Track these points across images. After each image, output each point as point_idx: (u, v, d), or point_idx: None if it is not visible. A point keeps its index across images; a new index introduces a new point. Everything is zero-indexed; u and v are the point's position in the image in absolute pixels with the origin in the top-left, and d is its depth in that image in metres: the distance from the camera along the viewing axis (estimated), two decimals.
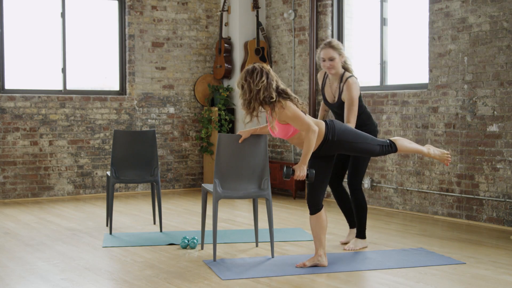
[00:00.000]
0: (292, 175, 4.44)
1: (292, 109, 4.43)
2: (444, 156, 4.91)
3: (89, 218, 6.74)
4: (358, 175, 5.25)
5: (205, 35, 9.32)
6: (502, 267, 4.70)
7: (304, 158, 4.44)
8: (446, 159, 4.90)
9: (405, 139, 4.85)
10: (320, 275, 4.48)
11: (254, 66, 4.52)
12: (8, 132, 8.02)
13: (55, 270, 4.59)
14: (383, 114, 7.42)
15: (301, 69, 8.59)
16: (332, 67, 5.14)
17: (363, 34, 8.10)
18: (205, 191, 5.17)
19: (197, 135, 9.21)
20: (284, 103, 4.43)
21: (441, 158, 4.91)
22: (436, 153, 4.90)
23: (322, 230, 4.64)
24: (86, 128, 8.47)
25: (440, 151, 4.92)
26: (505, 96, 6.20)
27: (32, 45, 8.38)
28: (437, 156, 4.90)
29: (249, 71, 4.50)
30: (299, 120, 4.43)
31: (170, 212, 7.11)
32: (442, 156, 4.91)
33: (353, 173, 5.25)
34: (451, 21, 6.65)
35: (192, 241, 5.27)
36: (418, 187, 7.03)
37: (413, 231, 6.07)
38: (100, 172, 8.55)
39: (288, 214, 7.03)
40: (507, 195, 6.19)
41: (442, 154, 4.92)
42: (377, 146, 4.69)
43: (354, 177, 5.25)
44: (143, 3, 8.81)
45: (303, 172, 4.43)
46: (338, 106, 5.23)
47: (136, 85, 8.79)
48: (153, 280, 4.32)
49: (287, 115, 4.43)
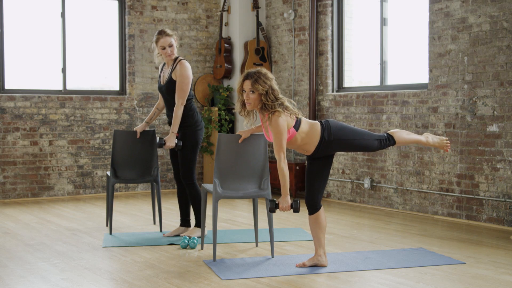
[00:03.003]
0: (277, 208, 4.44)
1: (281, 125, 4.39)
2: (443, 143, 4.83)
3: (89, 218, 6.74)
4: (188, 170, 5.54)
5: (205, 35, 9.32)
6: (502, 267, 4.70)
7: (284, 190, 4.42)
8: (445, 145, 4.82)
9: (403, 131, 4.78)
10: (320, 275, 4.48)
11: (258, 71, 4.52)
12: (8, 132, 8.02)
13: (55, 270, 4.59)
14: (383, 114, 7.42)
15: (301, 69, 8.59)
16: (172, 52, 5.49)
17: (363, 34, 8.10)
18: (205, 191, 5.17)
19: None
20: (279, 114, 4.41)
21: (440, 145, 4.83)
22: (436, 141, 4.83)
23: (321, 230, 4.64)
24: (86, 128, 8.47)
25: (439, 138, 4.85)
26: (505, 96, 6.20)
27: (32, 45, 8.38)
28: (436, 143, 4.83)
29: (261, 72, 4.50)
30: (278, 139, 4.39)
31: (170, 212, 7.11)
32: (441, 143, 4.84)
33: (182, 169, 5.56)
34: (451, 21, 6.65)
35: (192, 241, 5.27)
36: (418, 187, 7.03)
37: (413, 231, 6.07)
38: (100, 172, 8.56)
39: (288, 214, 7.03)
40: (507, 195, 6.19)
41: (441, 141, 4.84)
42: (375, 141, 4.65)
43: (185, 172, 5.53)
44: (143, 3, 8.82)
45: (287, 203, 4.43)
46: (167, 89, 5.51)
47: (136, 85, 8.79)
48: (153, 280, 4.32)
49: (273, 126, 4.41)
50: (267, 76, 4.48)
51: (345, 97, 7.92)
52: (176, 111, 5.41)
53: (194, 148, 5.56)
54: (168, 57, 5.50)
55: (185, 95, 5.42)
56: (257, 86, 4.44)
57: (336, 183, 8.07)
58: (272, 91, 4.45)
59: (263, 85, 4.44)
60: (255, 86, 4.44)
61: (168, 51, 5.48)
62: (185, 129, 5.53)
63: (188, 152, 5.55)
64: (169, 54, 5.49)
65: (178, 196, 5.79)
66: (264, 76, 4.47)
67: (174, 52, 5.51)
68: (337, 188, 8.06)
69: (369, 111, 7.58)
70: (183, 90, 5.40)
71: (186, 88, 5.42)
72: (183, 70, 5.43)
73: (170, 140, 5.42)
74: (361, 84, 8.20)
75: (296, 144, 4.53)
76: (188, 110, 5.53)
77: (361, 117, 7.68)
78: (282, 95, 4.51)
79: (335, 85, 8.19)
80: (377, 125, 7.47)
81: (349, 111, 7.84)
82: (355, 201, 7.82)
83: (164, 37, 5.47)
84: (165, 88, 5.53)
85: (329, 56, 8.16)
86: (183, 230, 5.71)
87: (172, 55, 5.51)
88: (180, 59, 5.51)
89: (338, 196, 8.05)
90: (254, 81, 4.45)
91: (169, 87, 5.49)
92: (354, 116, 7.78)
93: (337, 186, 8.06)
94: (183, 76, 5.41)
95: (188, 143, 5.54)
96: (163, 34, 5.48)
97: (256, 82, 4.45)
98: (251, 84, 4.45)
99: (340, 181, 8.00)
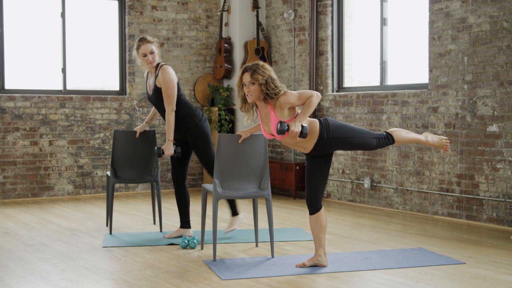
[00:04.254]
0: (286, 131, 4.43)
1: (290, 98, 4.46)
2: (443, 142, 4.82)
3: (89, 218, 6.74)
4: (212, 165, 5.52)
5: (205, 35, 9.32)
6: (502, 267, 4.70)
7: (302, 117, 4.45)
8: (445, 145, 4.81)
9: (402, 130, 4.77)
10: (320, 275, 4.48)
11: (255, 63, 4.56)
12: (8, 132, 8.02)
13: (55, 270, 4.59)
14: (383, 114, 7.42)
15: (301, 69, 8.59)
16: (154, 59, 5.47)
17: (363, 34, 8.10)
18: (205, 191, 5.17)
19: None
20: (285, 93, 4.48)
21: (440, 145, 4.82)
22: (435, 140, 4.81)
23: (321, 230, 4.64)
24: (86, 128, 8.47)
25: (438, 137, 4.84)
26: (505, 96, 6.20)
27: (32, 45, 8.38)
28: (436, 143, 4.82)
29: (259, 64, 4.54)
30: (303, 93, 4.47)
31: (170, 212, 7.11)
32: (440, 142, 4.82)
33: (208, 166, 5.61)
34: (451, 21, 6.65)
35: (192, 241, 5.27)
36: (418, 187, 7.03)
37: (413, 231, 6.07)
38: (100, 172, 8.56)
39: (288, 214, 7.03)
40: (507, 195, 6.19)
41: (440, 141, 4.83)
42: (374, 139, 4.65)
43: (211, 168, 5.56)
44: (143, 3, 8.82)
45: (298, 128, 4.42)
46: (155, 98, 5.52)
47: (136, 85, 8.79)
48: (153, 280, 4.32)
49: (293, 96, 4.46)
50: (265, 66, 4.52)
51: (345, 97, 7.92)
52: (168, 118, 5.41)
53: (208, 142, 5.59)
54: (150, 64, 5.48)
55: (173, 100, 5.41)
56: (257, 76, 4.46)
57: (336, 183, 8.07)
58: (271, 80, 4.48)
59: (262, 74, 4.47)
60: (254, 77, 4.47)
61: (149, 58, 5.46)
62: (190, 130, 5.53)
63: (205, 148, 5.57)
64: (151, 61, 5.47)
65: (176, 198, 5.79)
66: (262, 66, 4.52)
67: (155, 59, 5.47)
68: (337, 188, 8.06)
69: (369, 111, 7.58)
70: (170, 96, 5.39)
71: (172, 93, 5.40)
72: (165, 76, 5.41)
73: (168, 148, 5.43)
74: (361, 84, 8.20)
75: (295, 140, 4.54)
76: (183, 110, 5.52)
77: (361, 117, 7.68)
78: (282, 84, 4.55)
79: (335, 85, 8.19)
80: (377, 125, 7.47)
81: (349, 111, 7.85)
82: (355, 201, 7.82)
83: (145, 44, 5.45)
84: (154, 97, 5.53)
85: (329, 56, 8.16)
86: (183, 232, 5.71)
87: (154, 62, 5.47)
88: (162, 64, 5.48)
89: (338, 196, 8.05)
90: (252, 72, 4.49)
91: (157, 96, 5.49)
92: (354, 116, 7.78)
93: (337, 186, 8.06)
94: (166, 81, 5.39)
95: (201, 141, 5.55)
96: (144, 41, 5.47)
97: (255, 72, 4.48)
98: (250, 76, 4.48)
99: (340, 181, 8.00)
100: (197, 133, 5.55)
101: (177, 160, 5.69)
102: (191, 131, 5.54)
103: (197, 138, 5.55)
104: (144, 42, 5.46)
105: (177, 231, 5.70)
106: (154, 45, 5.49)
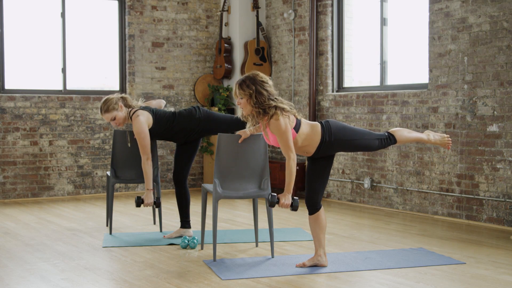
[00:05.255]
0: (277, 203, 4.42)
1: (282, 126, 4.34)
2: (445, 140, 4.82)
3: (89, 218, 6.75)
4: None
5: (205, 35, 9.32)
6: (502, 267, 4.70)
7: (288, 187, 4.40)
8: (447, 142, 4.81)
9: (404, 129, 4.77)
10: (320, 275, 4.48)
11: (247, 75, 4.47)
12: (8, 132, 8.02)
13: (55, 270, 4.59)
14: (383, 114, 7.42)
15: (301, 69, 8.59)
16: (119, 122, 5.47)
17: (363, 34, 8.10)
18: (205, 191, 5.17)
19: None
20: (277, 117, 4.35)
21: (442, 143, 4.82)
22: (437, 138, 4.81)
23: (321, 230, 4.63)
24: (86, 128, 8.47)
25: (440, 135, 4.84)
26: (505, 96, 6.20)
27: (32, 45, 8.38)
28: (437, 141, 4.81)
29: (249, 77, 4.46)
30: (283, 140, 4.35)
31: (170, 212, 7.11)
32: (442, 140, 4.82)
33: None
34: (451, 21, 6.65)
35: (192, 241, 5.27)
36: (418, 187, 7.03)
37: (413, 231, 6.07)
38: (100, 172, 8.56)
39: (288, 214, 7.03)
40: (507, 195, 6.19)
41: (442, 139, 4.83)
42: (376, 140, 4.64)
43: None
44: (143, 3, 8.82)
45: (288, 201, 4.39)
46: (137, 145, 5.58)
47: (136, 85, 8.79)
48: (153, 280, 4.32)
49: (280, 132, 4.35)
50: (255, 79, 4.40)
51: (345, 97, 7.92)
52: (144, 168, 5.38)
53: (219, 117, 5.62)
54: (118, 126, 5.53)
55: (147, 149, 5.37)
56: (240, 92, 4.41)
57: (336, 183, 8.07)
58: (257, 94, 4.36)
59: (246, 89, 4.37)
60: (239, 92, 4.42)
61: (114, 123, 5.49)
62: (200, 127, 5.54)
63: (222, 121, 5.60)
64: (118, 124, 5.50)
65: (177, 197, 5.79)
66: (251, 80, 4.40)
67: (120, 121, 5.46)
68: (337, 188, 8.06)
69: (369, 111, 7.58)
70: (142, 145, 5.37)
71: (144, 143, 5.36)
72: (135, 127, 5.39)
73: (148, 197, 5.36)
74: (361, 84, 8.20)
75: (297, 146, 4.52)
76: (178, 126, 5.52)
77: (361, 117, 7.68)
78: (277, 97, 4.42)
79: (335, 85, 8.19)
80: (377, 125, 7.47)
81: (349, 111, 7.85)
82: (355, 201, 7.82)
83: (104, 115, 5.48)
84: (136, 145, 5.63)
85: (329, 56, 8.16)
86: (183, 232, 5.71)
87: (120, 125, 5.51)
88: (133, 112, 5.45)
89: (338, 196, 8.05)
90: (238, 86, 4.42)
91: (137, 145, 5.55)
92: (354, 116, 7.78)
93: (337, 186, 8.06)
94: (136, 132, 5.38)
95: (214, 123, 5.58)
96: (101, 112, 5.48)
97: (240, 87, 4.41)
98: (237, 89, 4.43)
99: (340, 181, 8.00)
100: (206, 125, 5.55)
101: (180, 160, 5.68)
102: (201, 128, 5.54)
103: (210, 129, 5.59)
104: (102, 113, 5.47)
105: (177, 231, 5.70)
106: (112, 114, 5.42)
